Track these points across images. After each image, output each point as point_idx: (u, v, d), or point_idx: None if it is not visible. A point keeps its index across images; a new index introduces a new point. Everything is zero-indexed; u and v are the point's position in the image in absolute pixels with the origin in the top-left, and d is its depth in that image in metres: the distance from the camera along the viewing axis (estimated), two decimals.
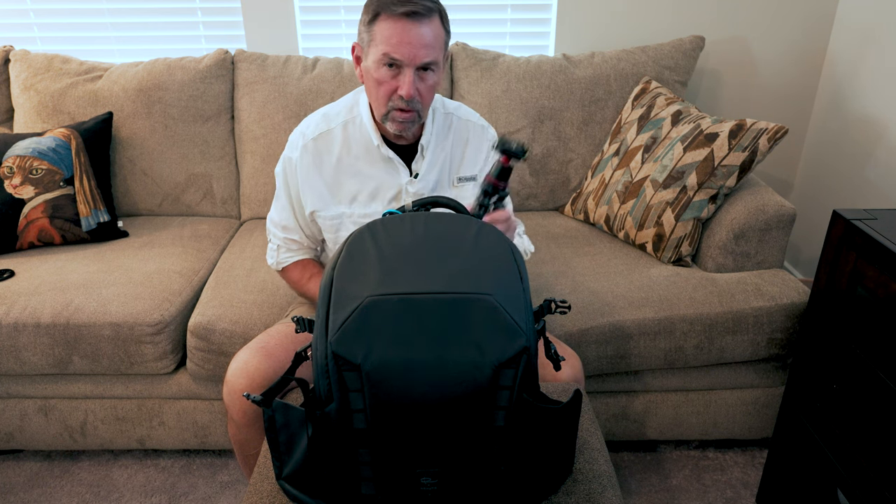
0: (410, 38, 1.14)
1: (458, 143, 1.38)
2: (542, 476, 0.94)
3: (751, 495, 1.66)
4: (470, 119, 1.39)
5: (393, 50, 1.14)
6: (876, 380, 1.18)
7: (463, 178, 1.39)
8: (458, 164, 1.39)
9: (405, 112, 1.21)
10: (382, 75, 1.18)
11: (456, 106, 1.40)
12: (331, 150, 1.32)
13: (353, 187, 1.33)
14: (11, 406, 1.69)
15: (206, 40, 2.26)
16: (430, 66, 1.18)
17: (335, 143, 1.32)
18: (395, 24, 1.13)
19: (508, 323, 0.81)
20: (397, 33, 1.14)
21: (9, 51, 2.09)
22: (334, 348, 0.79)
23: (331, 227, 1.36)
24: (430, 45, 1.16)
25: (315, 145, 1.31)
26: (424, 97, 1.21)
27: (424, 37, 1.15)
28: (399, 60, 1.15)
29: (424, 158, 1.33)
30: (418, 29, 1.14)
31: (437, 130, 1.35)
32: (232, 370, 1.26)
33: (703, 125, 1.74)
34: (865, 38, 2.05)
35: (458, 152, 1.38)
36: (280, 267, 1.44)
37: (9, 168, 1.81)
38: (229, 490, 1.68)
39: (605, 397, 1.66)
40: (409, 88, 1.17)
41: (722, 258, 1.70)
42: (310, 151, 1.31)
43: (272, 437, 0.92)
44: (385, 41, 1.14)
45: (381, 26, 1.15)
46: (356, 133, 1.31)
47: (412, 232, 0.89)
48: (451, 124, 1.37)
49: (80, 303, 1.56)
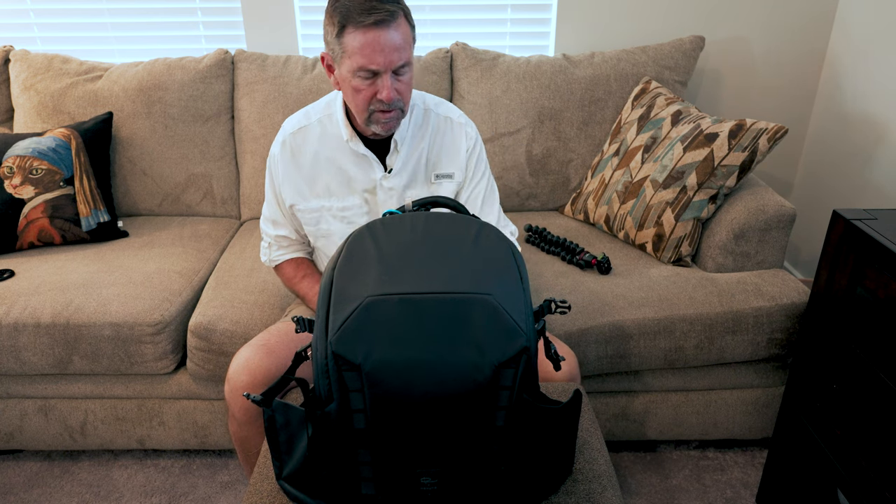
0: (382, 45, 1.13)
1: (437, 140, 1.37)
2: (542, 476, 0.94)
3: (751, 495, 1.66)
4: (450, 116, 1.38)
5: (368, 62, 1.14)
6: (876, 380, 1.18)
7: (440, 175, 1.38)
8: (436, 161, 1.38)
9: (387, 112, 1.21)
10: (359, 84, 1.18)
11: (437, 102, 1.39)
12: (308, 144, 1.34)
13: (328, 181, 1.35)
14: (11, 406, 1.69)
15: (206, 40, 2.26)
16: (404, 66, 1.19)
17: (313, 138, 1.34)
18: (365, 35, 1.13)
19: (508, 323, 0.81)
20: (368, 44, 1.13)
21: (9, 51, 2.09)
22: (334, 348, 0.79)
23: (310, 220, 1.37)
24: (401, 47, 1.16)
25: (293, 140, 1.34)
26: (404, 94, 1.22)
27: (394, 41, 1.14)
28: (376, 70, 1.16)
29: (399, 153, 1.33)
30: (387, 35, 1.13)
31: (413, 126, 1.35)
32: (234, 368, 1.26)
33: (703, 125, 1.74)
34: (865, 38, 2.05)
35: (436, 149, 1.38)
36: (273, 264, 1.47)
37: (9, 168, 1.81)
38: (229, 490, 1.68)
39: (605, 397, 1.66)
40: (389, 92, 1.17)
41: (722, 258, 1.70)
42: (288, 146, 1.34)
43: (272, 437, 0.92)
44: (358, 52, 1.14)
45: (350, 38, 1.14)
46: (331, 129, 1.33)
47: (412, 232, 0.89)
48: (430, 120, 1.37)
49: (80, 303, 1.56)
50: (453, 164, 1.39)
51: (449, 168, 1.38)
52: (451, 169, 1.38)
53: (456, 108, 1.41)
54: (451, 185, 1.39)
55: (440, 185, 1.39)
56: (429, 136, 1.37)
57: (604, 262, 1.69)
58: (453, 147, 1.38)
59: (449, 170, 1.38)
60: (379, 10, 1.12)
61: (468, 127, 1.39)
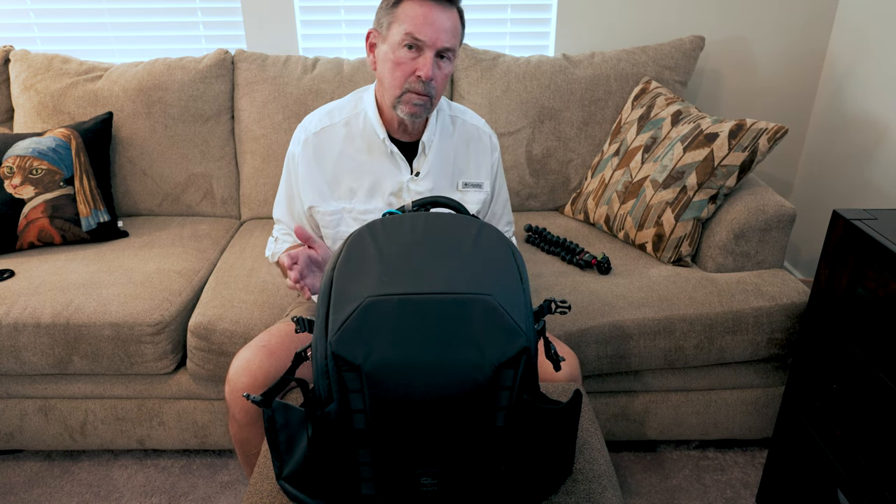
0: (433, 20, 1.17)
1: (463, 147, 1.38)
2: (542, 476, 0.94)
3: (751, 495, 1.67)
4: (476, 124, 1.40)
5: (417, 30, 1.17)
6: (876, 380, 1.18)
7: (469, 184, 1.39)
8: (464, 168, 1.39)
9: (421, 95, 1.22)
10: (402, 56, 1.20)
11: (462, 109, 1.41)
12: (332, 145, 1.32)
13: (352, 183, 1.33)
14: (11, 406, 1.69)
15: (206, 40, 2.26)
16: (447, 52, 1.21)
17: (337, 139, 1.32)
18: (421, 6, 1.17)
19: (508, 323, 0.81)
20: (422, 14, 1.17)
21: (9, 51, 2.09)
22: (334, 349, 0.79)
23: (330, 222, 1.36)
24: (451, 31, 1.20)
25: (316, 139, 1.32)
26: (438, 85, 1.23)
27: (445, 23, 1.19)
28: (421, 41, 1.18)
29: (426, 157, 1.33)
30: (442, 14, 1.18)
31: (440, 130, 1.35)
32: (234, 369, 1.26)
33: (703, 125, 1.74)
34: (865, 38, 2.05)
35: (463, 156, 1.39)
36: (275, 258, 1.45)
37: (9, 168, 1.81)
38: (229, 490, 1.68)
39: (605, 397, 1.66)
40: (430, 69, 1.19)
41: (722, 258, 1.70)
42: (311, 146, 1.32)
43: (272, 438, 0.92)
44: (409, 20, 1.17)
45: (405, 7, 1.18)
46: (360, 128, 1.32)
47: (412, 232, 0.89)
48: (457, 127, 1.38)
49: (80, 303, 1.56)
50: (482, 174, 1.41)
51: (478, 177, 1.40)
52: (479, 178, 1.40)
53: (478, 115, 1.44)
54: (479, 195, 1.40)
55: (467, 193, 1.39)
56: (455, 142, 1.37)
57: (604, 262, 1.69)
58: (482, 156, 1.40)
59: (478, 179, 1.40)
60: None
61: (493, 136, 1.43)
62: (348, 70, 2.04)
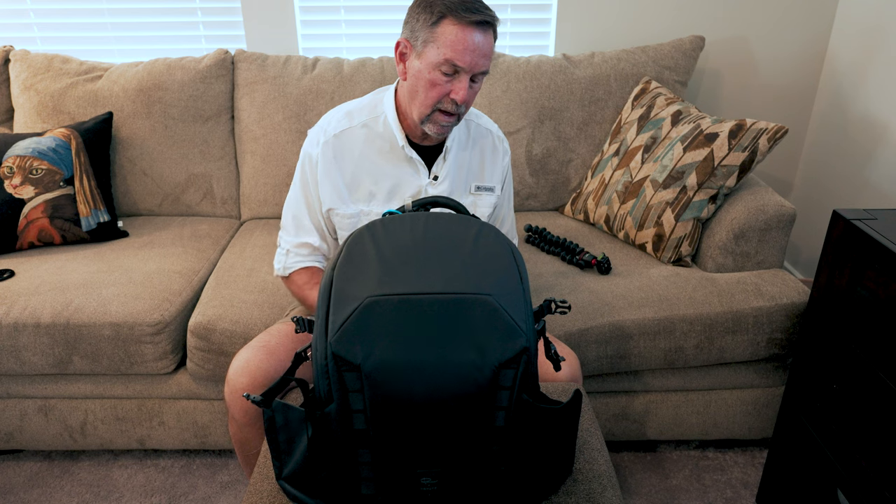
0: (474, 46, 1.15)
1: (478, 152, 1.39)
2: (542, 476, 0.94)
3: (751, 495, 1.67)
4: (490, 129, 1.41)
5: (457, 57, 1.15)
6: (876, 380, 1.18)
7: (482, 188, 1.40)
8: (478, 171, 1.40)
9: (450, 115, 1.22)
10: (437, 78, 1.18)
11: (477, 114, 1.42)
12: (352, 147, 1.31)
13: (371, 186, 1.32)
14: (11, 406, 1.69)
15: (206, 40, 2.26)
16: (481, 74, 1.21)
17: (356, 141, 1.31)
18: (464, 31, 1.14)
19: (508, 323, 0.81)
20: (462, 40, 1.14)
21: (9, 51, 2.09)
22: (334, 349, 0.79)
23: (348, 224, 1.34)
24: (487, 55, 1.18)
25: (336, 142, 1.30)
26: (469, 102, 1.23)
27: (484, 47, 1.17)
28: (461, 68, 1.16)
29: (446, 161, 1.34)
30: (482, 38, 1.16)
31: (458, 135, 1.36)
32: (233, 369, 1.26)
33: (703, 125, 1.74)
34: (865, 38, 2.05)
35: (478, 160, 1.39)
36: (287, 272, 1.38)
37: (9, 168, 1.81)
38: (229, 490, 1.68)
39: (605, 397, 1.66)
40: (465, 94, 1.18)
41: (722, 258, 1.70)
42: (331, 147, 1.30)
43: (272, 438, 0.92)
44: (449, 47, 1.15)
45: (446, 29, 1.14)
46: (379, 131, 1.31)
47: (412, 232, 0.89)
48: (472, 131, 1.38)
49: (80, 303, 1.56)
50: (494, 178, 1.41)
51: (490, 181, 1.41)
52: (492, 182, 1.41)
53: (491, 120, 1.44)
54: (491, 199, 1.41)
55: (480, 197, 1.40)
56: (471, 147, 1.38)
57: (604, 262, 1.69)
58: (495, 160, 1.41)
59: (490, 183, 1.41)
60: (482, 13, 1.15)
61: (505, 141, 1.43)
62: (348, 70, 2.03)
